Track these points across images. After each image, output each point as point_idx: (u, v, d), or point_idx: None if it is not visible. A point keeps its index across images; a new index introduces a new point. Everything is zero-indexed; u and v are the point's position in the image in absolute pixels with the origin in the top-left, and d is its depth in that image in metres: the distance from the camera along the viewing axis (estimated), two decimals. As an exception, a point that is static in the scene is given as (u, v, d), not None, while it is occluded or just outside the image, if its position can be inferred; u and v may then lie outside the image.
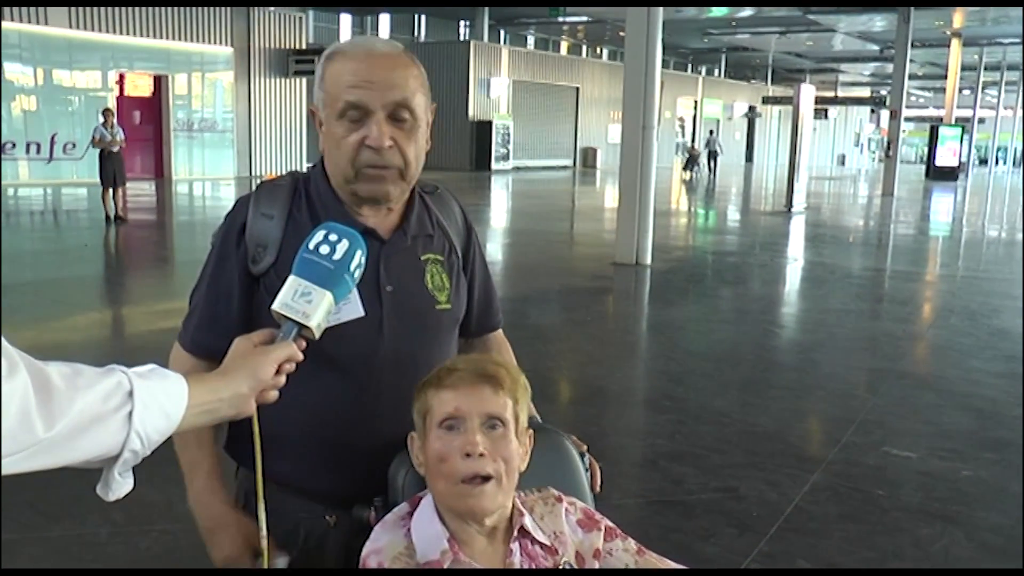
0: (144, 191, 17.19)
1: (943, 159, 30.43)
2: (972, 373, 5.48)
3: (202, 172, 21.01)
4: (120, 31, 18.68)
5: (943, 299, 8.61)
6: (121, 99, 19.03)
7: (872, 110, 53.71)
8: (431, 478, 1.16)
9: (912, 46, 23.44)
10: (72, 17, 17.75)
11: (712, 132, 34.39)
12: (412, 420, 1.22)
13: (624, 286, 8.73)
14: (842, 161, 49.60)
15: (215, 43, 20.68)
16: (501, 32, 34.42)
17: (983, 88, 39.61)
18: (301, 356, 1.07)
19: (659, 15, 9.40)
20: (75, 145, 18.01)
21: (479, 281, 1.51)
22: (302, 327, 1.07)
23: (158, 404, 0.89)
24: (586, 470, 1.39)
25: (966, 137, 32.29)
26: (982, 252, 12.68)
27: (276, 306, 1.07)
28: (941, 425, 4.46)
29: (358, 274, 1.13)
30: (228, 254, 1.34)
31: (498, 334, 1.61)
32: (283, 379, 1.05)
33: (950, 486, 3.65)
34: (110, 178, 11.83)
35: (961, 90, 34.97)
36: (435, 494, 1.16)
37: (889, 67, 29.80)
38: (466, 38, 32.40)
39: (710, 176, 30.76)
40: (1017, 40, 27.12)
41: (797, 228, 14.58)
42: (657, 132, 9.81)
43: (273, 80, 22.03)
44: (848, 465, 3.84)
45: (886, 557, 3.00)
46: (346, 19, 31.25)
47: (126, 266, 9.93)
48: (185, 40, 20.00)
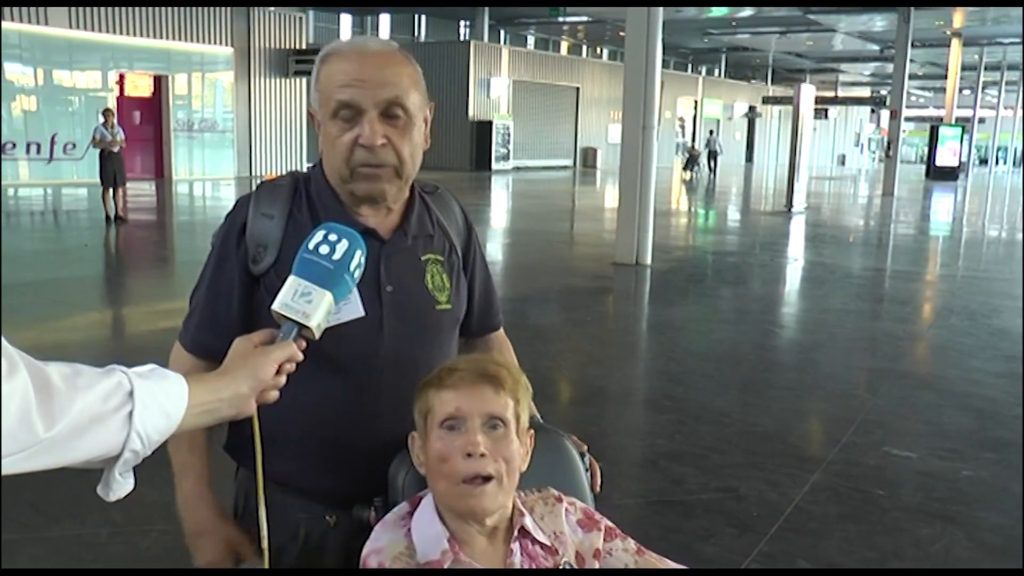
0: (144, 191, 17.19)
1: (943, 159, 30.45)
2: (972, 373, 5.48)
3: (202, 172, 21.01)
4: (120, 31, 18.69)
5: (943, 299, 8.60)
6: (121, 99, 19.03)
7: (872, 110, 53.71)
8: (432, 478, 1.16)
9: (912, 46, 23.45)
10: (72, 17, 17.75)
11: (712, 132, 34.39)
12: (412, 420, 1.22)
13: (624, 286, 8.73)
14: (842, 161, 49.59)
15: (215, 43, 20.68)
16: (501, 32, 34.41)
17: (983, 88, 39.63)
18: (301, 356, 1.07)
19: (659, 15, 9.40)
20: (75, 145, 18.02)
21: (479, 281, 1.51)
22: (302, 327, 1.07)
23: (158, 404, 0.89)
24: (586, 470, 1.39)
25: (966, 137, 32.30)
26: (982, 252, 12.68)
27: (276, 306, 1.07)
28: (941, 425, 4.46)
29: (358, 274, 1.13)
30: (228, 254, 1.34)
31: (499, 334, 1.61)
32: (283, 379, 1.05)
33: (950, 486, 3.65)
34: (110, 178, 11.83)
35: (961, 90, 34.97)
36: (436, 494, 1.16)
37: (889, 67, 29.80)
38: (466, 38, 32.40)
39: (710, 176, 30.76)
40: (1017, 40, 27.12)
41: (797, 228, 14.57)
42: (657, 132, 9.81)
43: (273, 80, 22.04)
44: (848, 465, 3.84)
45: (886, 557, 3.00)
46: (346, 19, 31.25)
47: (126, 266, 9.93)
48: (185, 40, 20.01)
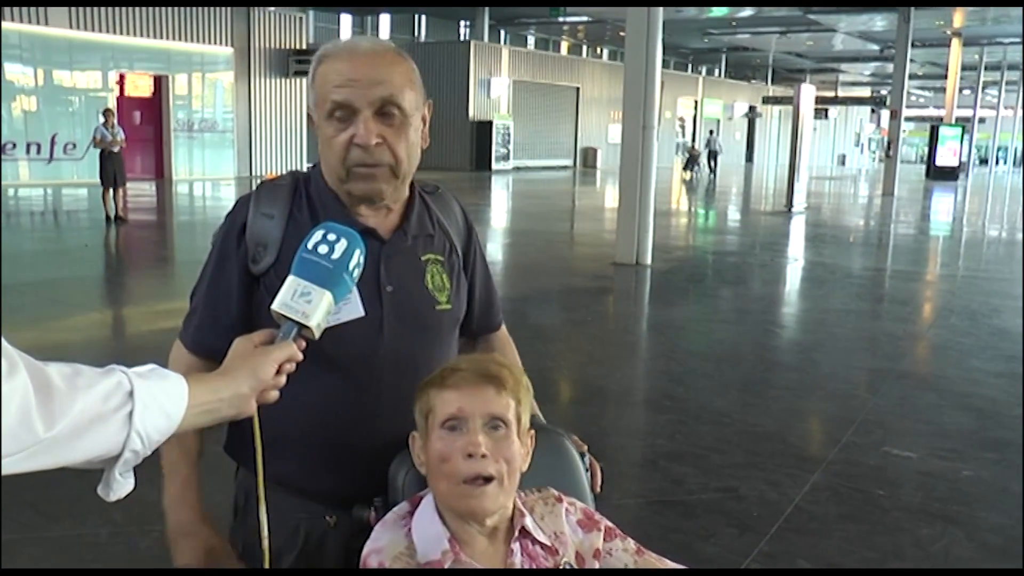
0: (144, 191, 17.19)
1: (943, 159, 30.44)
2: (972, 373, 5.48)
3: (202, 172, 21.01)
4: (120, 31, 18.68)
5: (943, 299, 8.60)
6: (121, 99, 19.03)
7: (872, 110, 53.71)
8: (433, 478, 1.16)
9: (912, 46, 23.45)
10: (72, 17, 17.75)
11: (712, 132, 34.40)
12: (412, 420, 1.21)
13: (624, 286, 8.73)
14: (842, 161, 49.59)
15: (215, 43, 20.68)
16: (501, 32, 34.41)
17: (983, 88, 39.64)
18: (301, 356, 1.07)
19: (659, 15, 9.40)
20: (75, 145, 18.02)
21: (480, 281, 1.51)
22: (302, 327, 1.07)
23: (158, 404, 0.89)
24: (586, 470, 1.39)
25: (966, 137, 32.30)
26: (982, 252, 12.68)
27: (275, 306, 1.07)
28: (941, 425, 4.46)
29: (357, 273, 1.13)
30: (228, 254, 1.34)
31: (502, 332, 1.61)
32: (283, 379, 1.05)
33: (950, 486, 3.65)
34: (110, 178, 11.83)
35: (961, 90, 34.97)
36: (436, 494, 1.16)
37: (889, 67, 29.79)
38: (466, 38, 32.39)
39: (710, 176, 30.76)
40: (1017, 40, 27.11)
41: (797, 228, 14.57)
42: (657, 132, 9.81)
43: (273, 80, 22.04)
44: (848, 465, 3.84)
45: (886, 557, 3.00)
46: (346, 19, 31.23)
47: (126, 266, 9.93)
48: (185, 40, 20.01)
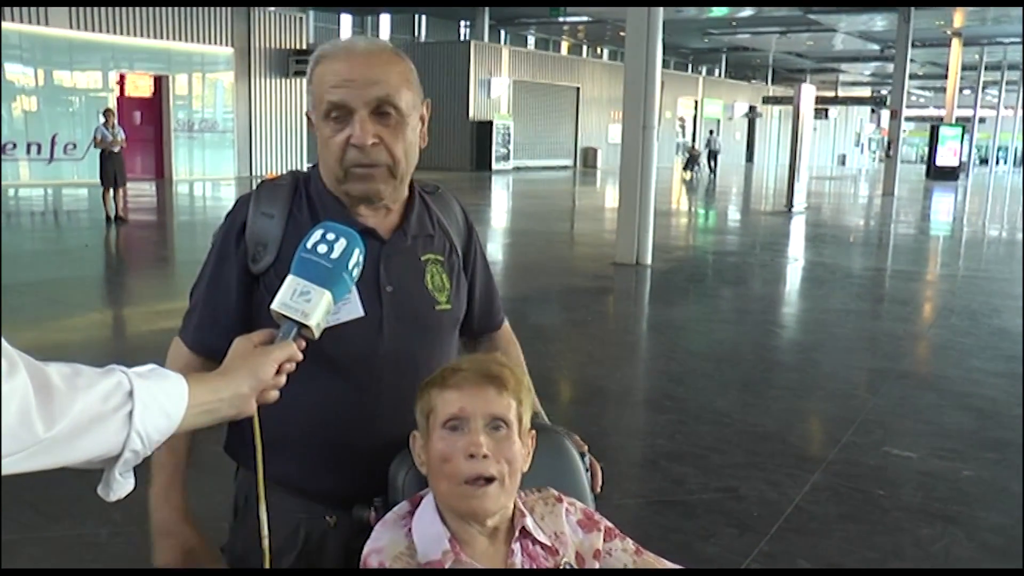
0: (144, 191, 17.18)
1: (944, 159, 30.44)
2: (973, 373, 5.48)
3: (202, 172, 21.01)
4: (120, 31, 18.69)
5: (944, 299, 8.60)
6: (122, 99, 19.02)
7: (872, 110, 53.70)
8: (433, 478, 1.16)
9: (912, 46, 23.45)
10: (72, 17, 17.75)
11: (712, 132, 34.40)
12: (412, 420, 1.21)
13: (624, 286, 8.73)
14: (842, 161, 49.58)
15: (215, 43, 20.68)
16: (501, 32, 34.41)
17: (984, 88, 39.65)
18: (301, 356, 1.07)
19: (659, 15, 9.40)
20: (76, 145, 18.02)
21: (480, 281, 1.51)
22: (301, 326, 1.06)
23: (158, 404, 0.89)
24: (587, 470, 1.39)
25: (967, 137, 32.30)
26: (983, 252, 12.67)
27: (275, 306, 1.07)
28: (942, 425, 4.46)
29: (356, 273, 1.12)
30: (228, 253, 1.34)
31: (505, 330, 1.61)
32: (283, 379, 1.05)
33: (951, 486, 3.65)
34: (111, 178, 11.83)
35: (962, 90, 34.96)
36: (437, 494, 1.16)
37: (889, 67, 29.80)
38: (466, 38, 32.40)
39: (710, 176, 30.77)
40: (1017, 39, 27.12)
41: (797, 228, 14.57)
42: (657, 132, 9.81)
43: (273, 80, 22.04)
44: (848, 465, 3.84)
45: (887, 557, 3.00)
46: (346, 19, 31.24)
47: (126, 266, 9.93)
48: (185, 40, 20.01)
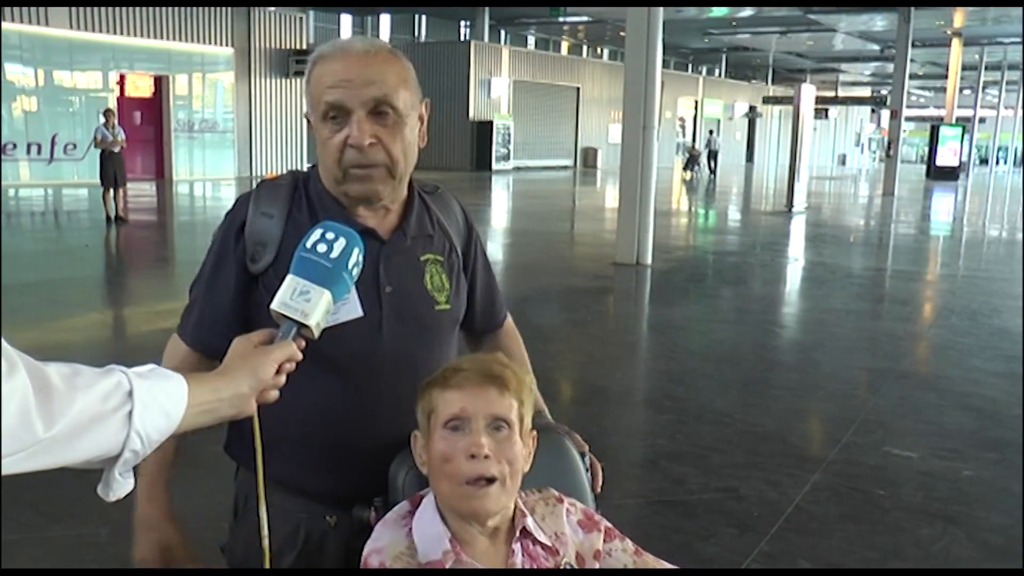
0: (145, 191, 17.18)
1: (944, 159, 30.45)
2: (973, 373, 5.48)
3: (203, 172, 21.01)
4: (121, 32, 18.68)
5: (944, 299, 8.60)
6: (122, 99, 19.02)
7: (873, 110, 53.70)
8: (434, 478, 1.16)
9: (913, 46, 23.45)
10: (72, 18, 17.75)
11: (712, 132, 34.39)
12: (412, 420, 1.21)
13: (625, 286, 8.73)
14: (843, 161, 49.58)
15: (215, 44, 20.68)
16: (501, 32, 34.41)
17: (984, 88, 39.64)
18: (301, 356, 1.07)
19: (659, 15, 9.40)
20: (76, 146, 18.02)
21: (481, 281, 1.51)
22: (301, 326, 1.06)
23: (158, 404, 0.89)
24: (587, 470, 1.39)
25: (967, 137, 32.31)
26: (983, 252, 12.67)
27: (275, 305, 1.07)
28: (942, 425, 4.46)
29: (356, 272, 1.12)
30: (227, 252, 1.34)
31: (508, 326, 1.61)
32: (283, 379, 1.05)
33: (951, 486, 3.65)
34: (111, 178, 11.83)
35: (962, 90, 34.96)
36: (438, 494, 1.16)
37: (890, 67, 29.79)
38: (466, 38, 32.40)
39: (710, 176, 30.76)
40: (1018, 39, 27.11)
41: (798, 228, 14.57)
42: (658, 132, 9.81)
43: (273, 80, 22.04)
44: (849, 465, 3.84)
45: (887, 557, 3.00)
46: (346, 19, 31.23)
47: (127, 266, 9.93)
48: (186, 41, 20.01)
